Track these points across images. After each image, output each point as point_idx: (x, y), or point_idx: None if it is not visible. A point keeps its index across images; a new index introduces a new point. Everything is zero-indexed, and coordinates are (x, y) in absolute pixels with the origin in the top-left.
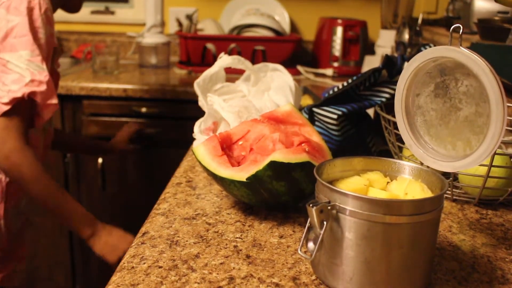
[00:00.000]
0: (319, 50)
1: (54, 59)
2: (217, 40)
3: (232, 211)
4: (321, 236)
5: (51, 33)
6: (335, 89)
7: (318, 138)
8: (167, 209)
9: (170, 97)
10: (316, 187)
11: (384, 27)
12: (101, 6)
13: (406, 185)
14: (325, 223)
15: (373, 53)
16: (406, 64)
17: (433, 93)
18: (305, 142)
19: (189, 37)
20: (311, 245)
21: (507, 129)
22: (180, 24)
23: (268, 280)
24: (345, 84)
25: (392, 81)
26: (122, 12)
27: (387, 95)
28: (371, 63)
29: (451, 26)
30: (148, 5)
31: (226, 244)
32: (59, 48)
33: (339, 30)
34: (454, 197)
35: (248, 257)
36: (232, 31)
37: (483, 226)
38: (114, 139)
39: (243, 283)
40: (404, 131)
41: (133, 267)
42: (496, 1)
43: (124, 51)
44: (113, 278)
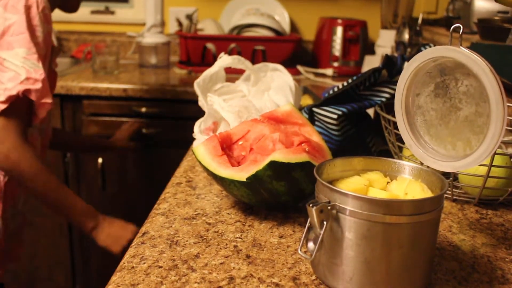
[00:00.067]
0: (319, 50)
1: (51, 58)
2: (217, 40)
3: (232, 211)
4: (321, 236)
5: (48, 31)
6: (335, 89)
7: (318, 138)
8: (167, 209)
9: (170, 97)
10: (316, 187)
11: (384, 27)
12: (101, 6)
13: (406, 185)
14: (325, 223)
15: (373, 53)
16: (406, 64)
17: (433, 93)
18: (305, 142)
19: (189, 37)
20: (311, 245)
21: (507, 129)
22: (180, 24)
23: (268, 280)
24: (345, 84)
25: (392, 81)
26: (122, 12)
27: (387, 95)
28: (371, 63)
29: (451, 26)
30: (148, 5)
31: (226, 244)
32: (57, 47)
33: (339, 30)
34: (454, 197)
35: (248, 257)
36: (232, 31)
37: (483, 226)
38: (115, 136)
39: (243, 283)
40: (404, 131)
41: (133, 267)
42: (496, 1)
43: (124, 51)
44: (113, 278)
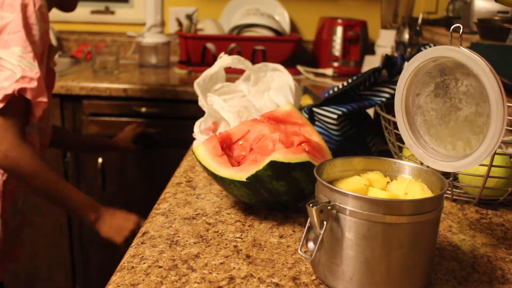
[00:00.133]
0: (319, 50)
1: (49, 56)
2: (217, 40)
3: (232, 211)
4: (321, 236)
5: (45, 30)
6: (335, 89)
7: (318, 138)
8: (167, 209)
9: (170, 97)
10: (316, 187)
11: (384, 27)
12: (101, 6)
13: (406, 185)
14: (325, 223)
15: (373, 53)
16: (406, 64)
17: (433, 93)
18: (305, 142)
19: (189, 37)
20: (311, 245)
21: (507, 129)
22: (180, 24)
23: (268, 280)
24: (345, 84)
25: (392, 81)
26: (122, 12)
27: (387, 95)
28: (371, 63)
29: (451, 26)
30: (148, 5)
31: (226, 244)
32: (55, 46)
33: (339, 30)
34: (454, 197)
35: (248, 257)
36: (232, 31)
37: (483, 226)
38: (117, 136)
39: (243, 283)
40: (404, 131)
41: (133, 267)
42: (496, 1)
43: (124, 51)
44: (113, 278)
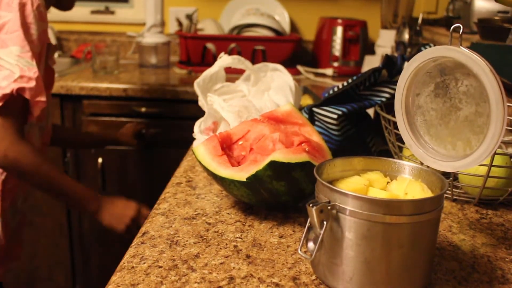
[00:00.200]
0: (319, 50)
1: (48, 55)
2: (217, 40)
3: (232, 211)
4: (321, 236)
5: (43, 29)
6: (335, 89)
7: (318, 138)
8: (167, 209)
9: (170, 97)
10: (316, 187)
11: (384, 27)
12: (101, 6)
13: (406, 185)
14: (325, 223)
15: (373, 53)
16: (406, 64)
17: (433, 93)
18: (305, 142)
19: (189, 37)
20: (311, 245)
21: (507, 129)
22: (180, 24)
23: (268, 280)
24: (345, 84)
25: (392, 81)
26: (122, 12)
27: (387, 95)
28: (371, 63)
29: (451, 26)
30: (148, 5)
31: (226, 244)
32: (53, 44)
33: (339, 30)
34: (454, 197)
35: (248, 257)
36: (232, 31)
37: (483, 226)
38: (119, 131)
39: (243, 283)
40: (404, 131)
41: (133, 267)
42: (496, 1)
43: (124, 51)
44: (113, 278)
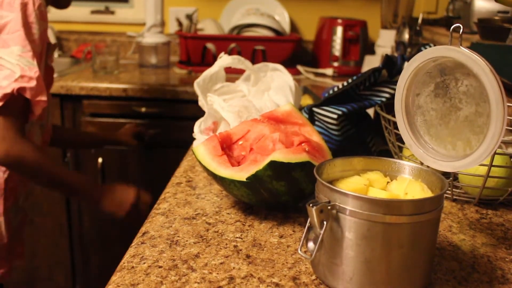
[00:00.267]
0: (319, 50)
1: (48, 54)
2: (217, 40)
3: (232, 211)
4: (321, 236)
5: (44, 28)
6: (335, 89)
7: (318, 138)
8: (167, 209)
9: (170, 97)
10: (316, 187)
11: (384, 27)
12: (101, 6)
13: (406, 185)
14: (325, 223)
15: (373, 53)
16: (406, 64)
17: (433, 93)
18: (305, 142)
19: (189, 37)
20: (311, 245)
21: (507, 129)
22: (180, 24)
23: (268, 280)
24: (345, 84)
25: (392, 81)
26: (122, 12)
27: (387, 95)
28: (371, 63)
29: (451, 26)
30: (148, 5)
31: (226, 244)
32: (52, 43)
33: (339, 30)
34: (454, 197)
35: (248, 257)
36: (232, 31)
37: (483, 226)
38: (119, 132)
39: (243, 283)
40: (404, 131)
41: (133, 267)
42: (496, 1)
43: (124, 51)
44: (113, 278)
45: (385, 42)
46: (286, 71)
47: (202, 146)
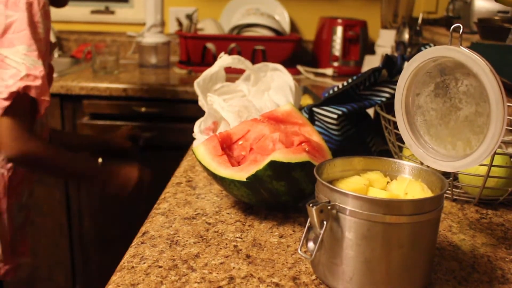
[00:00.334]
0: (319, 50)
1: (49, 53)
2: (217, 39)
3: (232, 211)
4: (321, 236)
5: (48, 27)
6: (335, 89)
7: (318, 138)
8: (167, 209)
9: (170, 97)
10: (316, 187)
11: (384, 26)
12: (101, 6)
13: (406, 185)
14: (325, 223)
15: (373, 53)
16: (406, 64)
17: (433, 92)
18: (305, 142)
19: (189, 36)
20: (311, 245)
21: (507, 128)
22: (180, 24)
23: (268, 280)
24: (345, 83)
25: (392, 80)
26: (122, 12)
27: (387, 95)
28: (371, 63)
29: (451, 26)
30: (148, 4)
31: (226, 244)
32: (53, 43)
33: (339, 30)
34: (454, 197)
35: (248, 257)
36: (232, 30)
37: (483, 226)
38: (113, 134)
39: (243, 282)
40: (404, 130)
41: (133, 267)
42: (496, 0)
43: (124, 51)
44: (113, 278)
45: (385, 42)
46: (286, 71)
47: (202, 146)
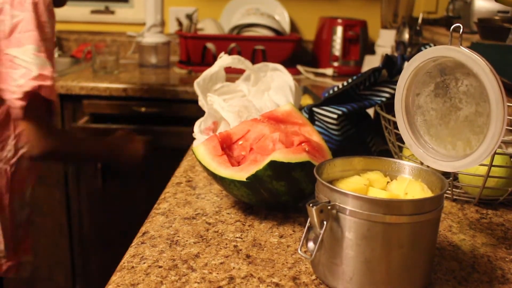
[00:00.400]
0: (319, 50)
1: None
2: (217, 39)
3: (232, 211)
4: (321, 236)
5: (53, 26)
6: (335, 89)
7: (318, 138)
8: (167, 209)
9: (170, 97)
10: (316, 187)
11: (384, 26)
12: (101, 6)
13: (406, 185)
14: (325, 223)
15: (373, 52)
16: (406, 63)
17: (433, 92)
18: (305, 142)
19: (189, 36)
20: (311, 245)
21: (507, 128)
22: (180, 24)
23: (268, 280)
24: (345, 83)
25: (392, 80)
26: (122, 12)
27: (387, 95)
28: (371, 62)
29: (451, 26)
30: (148, 4)
31: (226, 244)
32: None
33: (339, 30)
34: (454, 197)
35: (248, 256)
36: (232, 30)
37: (483, 226)
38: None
39: (243, 283)
40: (404, 130)
41: (133, 267)
42: (496, 0)
43: (124, 50)
44: (113, 278)
45: (385, 42)
46: (286, 71)
47: (202, 146)
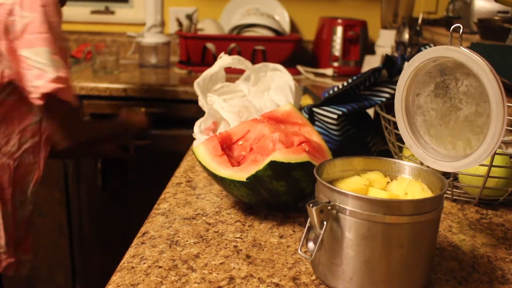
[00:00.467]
0: (319, 50)
1: None
2: (217, 40)
3: (232, 211)
4: (321, 236)
5: (61, 26)
6: (335, 89)
7: (318, 138)
8: (167, 209)
9: (170, 97)
10: (316, 187)
11: (384, 27)
12: (101, 6)
13: (406, 185)
14: (325, 223)
15: (373, 53)
16: (406, 64)
17: (433, 93)
18: (305, 142)
19: (189, 37)
20: (311, 245)
21: (507, 129)
22: (180, 24)
23: (268, 280)
24: (345, 84)
25: (392, 81)
26: (122, 12)
27: (387, 95)
28: (371, 63)
29: (451, 26)
30: (148, 5)
31: (226, 244)
32: None
33: (339, 30)
34: (454, 197)
35: (248, 257)
36: (232, 31)
37: (483, 226)
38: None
39: (243, 283)
40: (404, 131)
41: (133, 267)
42: (496, 1)
43: (124, 51)
44: (113, 278)
45: (385, 42)
46: (286, 71)
47: (202, 146)
